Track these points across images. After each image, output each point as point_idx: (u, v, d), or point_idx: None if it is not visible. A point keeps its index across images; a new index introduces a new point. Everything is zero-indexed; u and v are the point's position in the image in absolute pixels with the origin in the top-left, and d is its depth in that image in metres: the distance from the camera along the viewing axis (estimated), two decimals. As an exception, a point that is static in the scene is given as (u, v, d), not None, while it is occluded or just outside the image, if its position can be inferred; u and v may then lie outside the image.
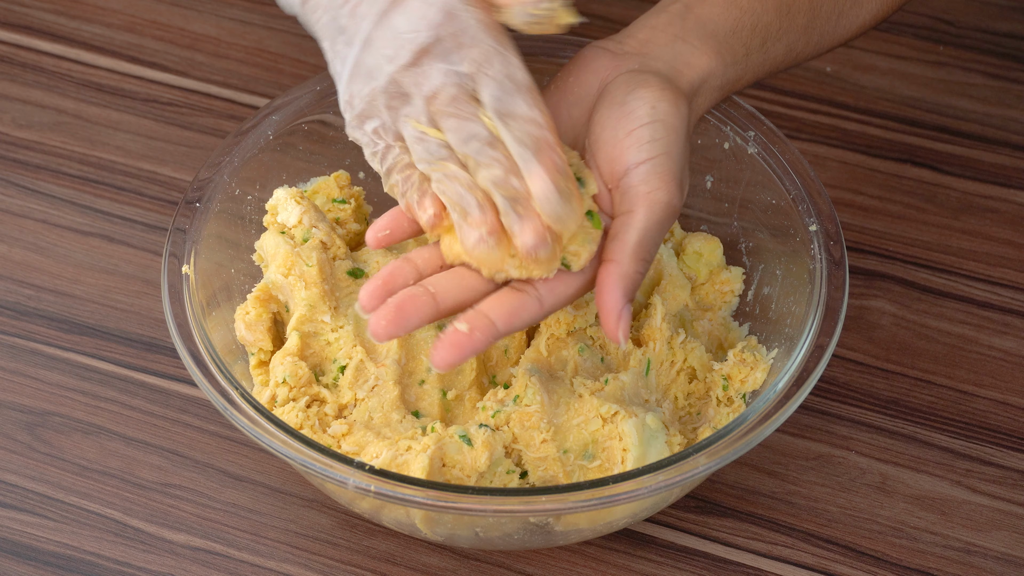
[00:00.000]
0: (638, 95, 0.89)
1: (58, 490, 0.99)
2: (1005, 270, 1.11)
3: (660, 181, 0.88)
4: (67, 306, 1.08)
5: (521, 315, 0.87)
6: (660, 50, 0.92)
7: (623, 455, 0.91)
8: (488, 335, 0.86)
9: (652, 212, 0.88)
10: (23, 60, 1.24)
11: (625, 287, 0.88)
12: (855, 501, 1.00)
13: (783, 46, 0.95)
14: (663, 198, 0.88)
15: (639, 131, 0.88)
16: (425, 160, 0.88)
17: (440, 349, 0.86)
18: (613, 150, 0.89)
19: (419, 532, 0.93)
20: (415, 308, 0.86)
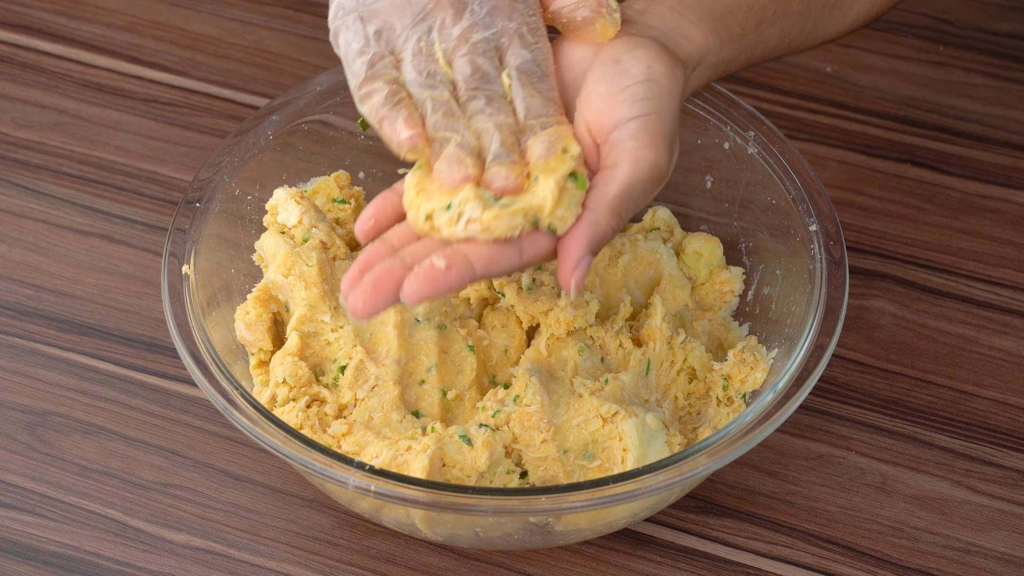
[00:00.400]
0: (635, 55, 0.88)
1: (58, 490, 0.99)
2: (1005, 270, 1.11)
3: (649, 139, 0.86)
4: (67, 306, 1.08)
5: (500, 262, 0.85)
6: (658, 20, 0.91)
7: (623, 455, 0.91)
8: (464, 274, 0.83)
9: (637, 168, 0.86)
10: (23, 60, 1.24)
11: (592, 237, 0.85)
12: (855, 501, 1.00)
13: (777, 30, 0.95)
14: (650, 156, 0.86)
15: (633, 88, 0.87)
16: (423, 85, 0.86)
17: (413, 282, 0.83)
18: (604, 105, 0.87)
19: (419, 532, 0.93)
20: (391, 281, 0.84)
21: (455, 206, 0.84)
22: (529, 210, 0.84)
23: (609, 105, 0.87)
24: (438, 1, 0.87)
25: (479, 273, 0.84)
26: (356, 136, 1.06)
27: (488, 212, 0.83)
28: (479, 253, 0.84)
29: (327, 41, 1.25)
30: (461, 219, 0.83)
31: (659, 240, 1.03)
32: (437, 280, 0.83)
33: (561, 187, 0.84)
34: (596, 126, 0.87)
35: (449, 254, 0.83)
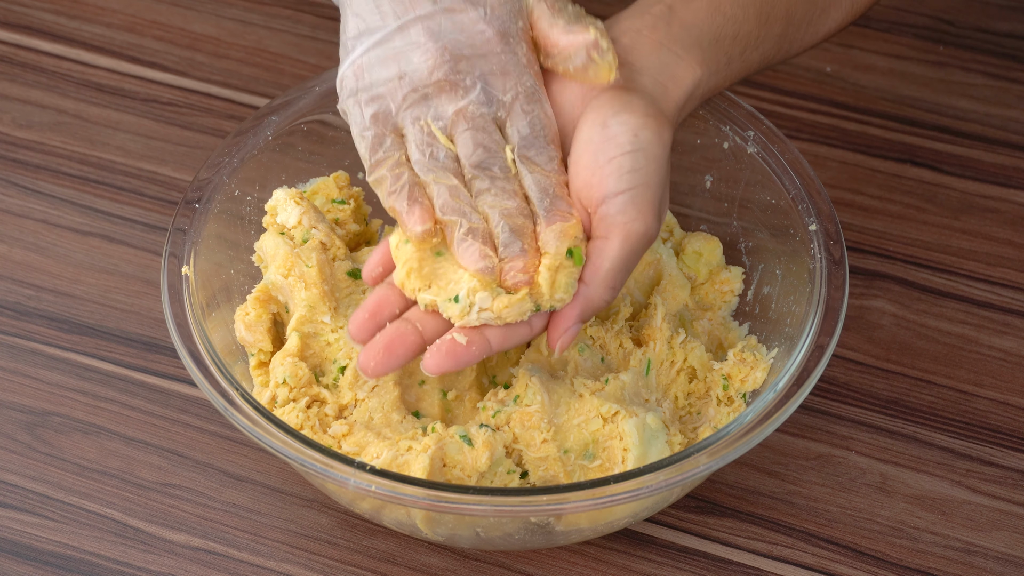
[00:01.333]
0: (621, 120, 0.89)
1: (58, 490, 0.99)
2: (1005, 270, 1.11)
3: (637, 212, 0.88)
4: (67, 306, 1.08)
5: (513, 337, 0.89)
6: (645, 60, 0.91)
7: (624, 455, 0.91)
8: (483, 350, 0.88)
9: (627, 241, 0.88)
10: (23, 60, 1.24)
11: (584, 308, 0.89)
12: (855, 501, 1.00)
13: (759, 54, 0.95)
14: (639, 228, 0.88)
15: (620, 159, 0.88)
16: (427, 166, 0.88)
17: (435, 356, 0.88)
18: (592, 176, 0.89)
19: (420, 532, 0.93)
20: (403, 347, 0.89)
21: (464, 299, 0.88)
22: (532, 296, 0.88)
23: (597, 177, 0.89)
24: (431, 76, 0.89)
25: (495, 348, 0.89)
26: (356, 136, 1.06)
27: (499, 302, 0.88)
28: (495, 331, 0.89)
29: (327, 41, 1.26)
30: (473, 309, 0.88)
31: (659, 240, 1.03)
32: (458, 355, 0.88)
33: (554, 274, 0.88)
34: (585, 196, 0.89)
35: (468, 331, 0.88)
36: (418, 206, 0.88)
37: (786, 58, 0.98)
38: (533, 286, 0.88)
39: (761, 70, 0.97)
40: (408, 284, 0.89)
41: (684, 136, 1.05)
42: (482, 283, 0.88)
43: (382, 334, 0.89)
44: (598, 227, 0.89)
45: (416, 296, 0.89)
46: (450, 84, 0.89)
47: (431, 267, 0.89)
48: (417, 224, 0.88)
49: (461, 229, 0.87)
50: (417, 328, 0.89)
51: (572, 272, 0.88)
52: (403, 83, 0.89)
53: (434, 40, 0.89)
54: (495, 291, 0.88)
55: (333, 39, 1.25)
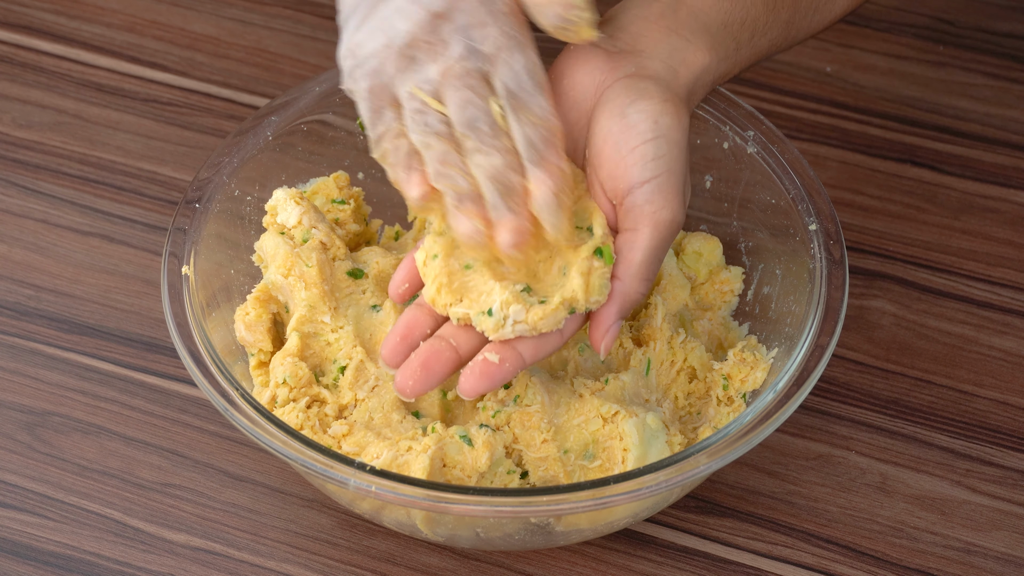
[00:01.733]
0: (639, 107, 0.88)
1: (58, 490, 0.99)
2: (1005, 270, 1.11)
3: (664, 200, 0.88)
4: (67, 306, 1.08)
5: (545, 347, 0.89)
6: (655, 46, 0.91)
7: (624, 455, 0.91)
8: (516, 366, 0.88)
9: (657, 231, 0.88)
10: (23, 60, 1.24)
11: (622, 305, 0.89)
12: (855, 501, 1.00)
13: (767, 40, 0.95)
14: (667, 216, 0.88)
15: (642, 148, 0.88)
16: (419, 133, 0.87)
17: (471, 378, 0.88)
18: (616, 168, 0.88)
19: (420, 532, 0.93)
20: (440, 363, 0.89)
21: (498, 312, 0.88)
22: (566, 301, 0.88)
23: (620, 168, 0.88)
24: (413, 40, 0.87)
25: (529, 361, 0.89)
26: (356, 136, 1.06)
27: (534, 313, 0.87)
28: (527, 343, 0.89)
29: (327, 41, 1.26)
30: (508, 322, 0.88)
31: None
32: (493, 374, 0.88)
33: (587, 277, 0.88)
34: (610, 189, 0.89)
35: (499, 347, 0.88)
36: (415, 173, 0.87)
37: (792, 44, 0.97)
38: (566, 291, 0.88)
39: (769, 56, 0.96)
40: (439, 300, 0.90)
41: (684, 136, 1.05)
42: (514, 296, 0.87)
43: (417, 353, 0.89)
44: (625, 219, 0.89)
45: (448, 311, 0.89)
46: (431, 44, 0.87)
47: (461, 281, 0.89)
48: (414, 189, 0.87)
49: (450, 197, 0.87)
50: (452, 344, 0.89)
51: (604, 272, 0.88)
52: (390, 51, 0.87)
53: (413, 2, 0.87)
54: (529, 302, 0.88)
55: (333, 39, 1.25)
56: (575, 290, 0.88)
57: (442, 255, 0.90)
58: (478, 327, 0.88)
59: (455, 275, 0.90)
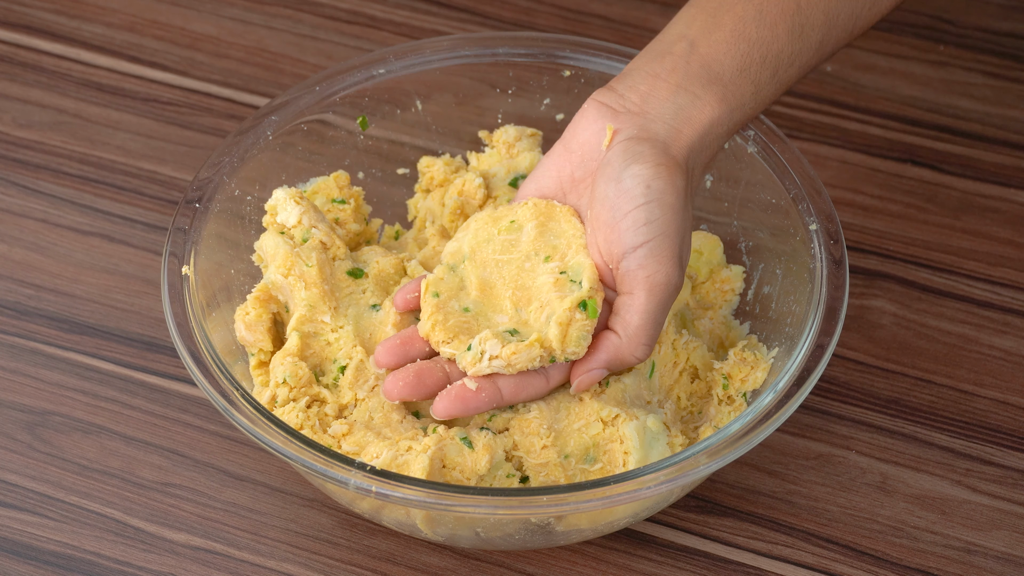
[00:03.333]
0: (633, 172, 0.89)
1: (58, 490, 0.99)
2: (1005, 270, 1.11)
3: (658, 264, 0.89)
4: (67, 306, 1.08)
5: (527, 389, 0.91)
6: (661, 106, 0.91)
7: (624, 458, 0.91)
8: (492, 398, 0.90)
9: (652, 295, 0.89)
10: (23, 60, 1.24)
11: (611, 360, 0.91)
12: (855, 501, 1.00)
13: (796, 69, 0.94)
14: (662, 280, 0.89)
15: (635, 213, 0.89)
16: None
17: (444, 400, 0.90)
18: (611, 232, 0.90)
19: (420, 532, 0.93)
20: (432, 378, 0.91)
21: (476, 346, 0.90)
22: (540, 342, 0.90)
23: (615, 233, 0.90)
24: None
25: (507, 399, 0.91)
26: (356, 136, 1.06)
27: (507, 348, 0.89)
28: (507, 380, 0.91)
29: (327, 41, 1.25)
30: (484, 357, 0.90)
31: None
32: (467, 400, 0.90)
33: (565, 327, 0.90)
34: (606, 252, 0.91)
35: (480, 379, 0.90)
36: None
37: (828, 58, 0.97)
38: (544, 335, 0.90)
39: (800, 79, 0.96)
40: (433, 336, 0.92)
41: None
42: (494, 334, 0.90)
43: (413, 364, 0.91)
44: (622, 283, 0.90)
45: (439, 348, 0.92)
46: None
47: (457, 321, 0.92)
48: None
49: None
50: (444, 368, 0.92)
51: (584, 325, 0.90)
52: None
53: None
54: (505, 339, 0.90)
55: (333, 39, 1.25)
56: (551, 337, 0.90)
57: (444, 296, 0.93)
58: (459, 363, 0.91)
59: (452, 315, 0.92)
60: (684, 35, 0.92)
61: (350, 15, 1.27)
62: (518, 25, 1.26)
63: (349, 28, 1.26)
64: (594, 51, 1.06)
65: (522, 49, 1.06)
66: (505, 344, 0.90)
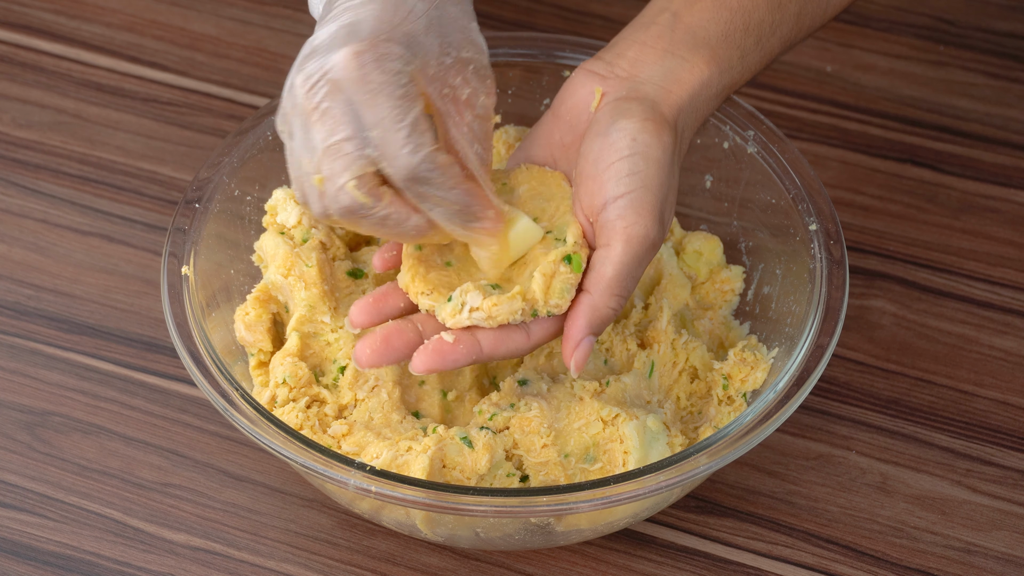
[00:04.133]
0: (620, 126, 0.89)
1: (58, 490, 0.99)
2: (1005, 270, 1.11)
3: (637, 216, 0.88)
4: (67, 306, 1.08)
5: (507, 344, 0.89)
6: (650, 69, 0.91)
7: (624, 458, 0.91)
8: (471, 352, 0.87)
9: (629, 246, 0.88)
10: (23, 60, 1.24)
11: (592, 319, 0.88)
12: (855, 501, 1.00)
13: (777, 39, 0.95)
14: (640, 232, 0.88)
15: (618, 164, 0.88)
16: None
17: (422, 354, 0.87)
18: (593, 183, 0.89)
19: (419, 532, 0.93)
20: (401, 340, 0.88)
21: (456, 298, 0.88)
22: (523, 294, 0.88)
23: (597, 184, 0.89)
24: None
25: (486, 353, 0.88)
26: (356, 136, 1.06)
27: (488, 300, 0.87)
28: (487, 334, 0.88)
29: (327, 41, 1.25)
30: (464, 308, 0.87)
31: (659, 240, 1.03)
32: (445, 353, 0.87)
33: (549, 278, 0.88)
34: (587, 205, 0.89)
35: (458, 331, 0.88)
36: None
37: (809, 34, 0.97)
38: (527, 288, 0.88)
39: (784, 52, 0.96)
40: (412, 287, 0.90)
41: (684, 136, 1.05)
42: (475, 286, 0.88)
43: (381, 327, 0.89)
44: (600, 235, 0.89)
45: (418, 300, 0.89)
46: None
47: (437, 274, 0.90)
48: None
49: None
50: (417, 327, 0.89)
51: (568, 278, 0.88)
52: None
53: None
54: (487, 290, 0.88)
55: (333, 39, 1.25)
56: (535, 288, 0.88)
57: (427, 249, 0.91)
58: (438, 316, 0.88)
59: (432, 267, 0.90)
60: (666, 8, 0.93)
61: (350, 15, 1.27)
62: (518, 25, 1.26)
63: (349, 28, 1.26)
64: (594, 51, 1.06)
65: (522, 49, 1.06)
66: (487, 295, 0.87)
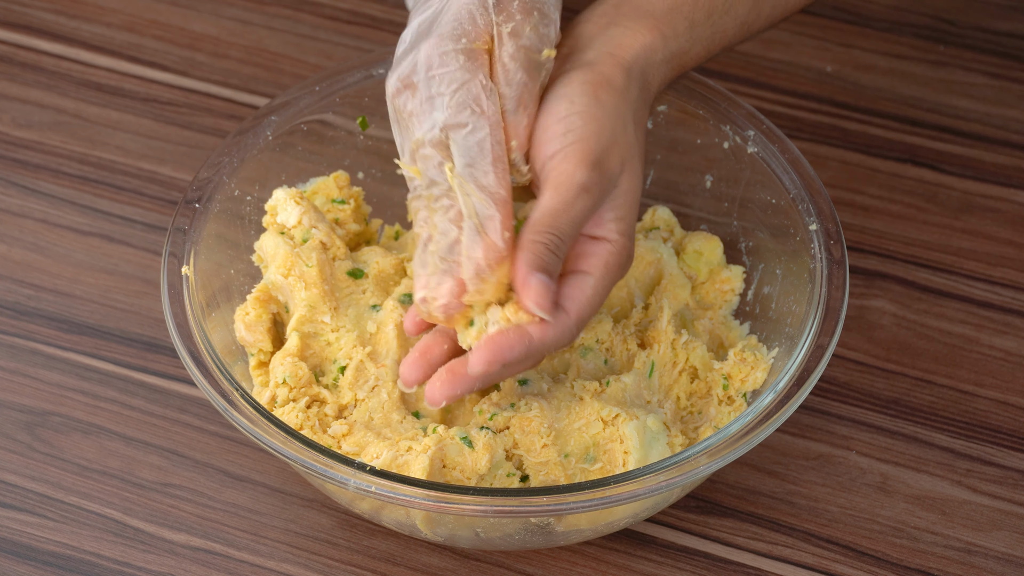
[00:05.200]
0: (559, 93, 0.90)
1: (58, 490, 0.99)
2: (1005, 270, 1.11)
3: (567, 163, 0.88)
4: (67, 306, 1.08)
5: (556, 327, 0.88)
6: (591, 40, 0.92)
7: (625, 458, 0.91)
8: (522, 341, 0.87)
9: (557, 191, 0.88)
10: (23, 60, 1.24)
11: (525, 258, 0.87)
12: (855, 501, 1.00)
13: (732, 19, 0.95)
14: (567, 178, 0.88)
15: (554, 127, 0.89)
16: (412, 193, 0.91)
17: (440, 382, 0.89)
18: (535, 150, 0.90)
19: (419, 532, 0.93)
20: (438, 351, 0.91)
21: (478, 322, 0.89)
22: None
23: (537, 149, 0.90)
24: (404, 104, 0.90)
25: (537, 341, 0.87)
26: (356, 136, 1.06)
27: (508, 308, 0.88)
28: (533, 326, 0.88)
29: (327, 41, 1.25)
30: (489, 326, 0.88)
31: (659, 239, 1.03)
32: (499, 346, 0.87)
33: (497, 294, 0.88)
34: (533, 173, 0.90)
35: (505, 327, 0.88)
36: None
37: (771, 23, 0.98)
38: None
39: (747, 36, 0.97)
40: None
41: (684, 136, 1.05)
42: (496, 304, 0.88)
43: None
44: (537, 190, 0.90)
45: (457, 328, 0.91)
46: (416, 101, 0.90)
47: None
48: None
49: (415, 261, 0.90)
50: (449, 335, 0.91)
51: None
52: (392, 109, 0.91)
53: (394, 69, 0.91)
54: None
55: (333, 39, 1.25)
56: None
57: None
58: (461, 342, 0.89)
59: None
60: None
61: (350, 15, 1.27)
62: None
63: (349, 28, 1.26)
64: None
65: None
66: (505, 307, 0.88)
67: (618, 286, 1.01)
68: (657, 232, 1.04)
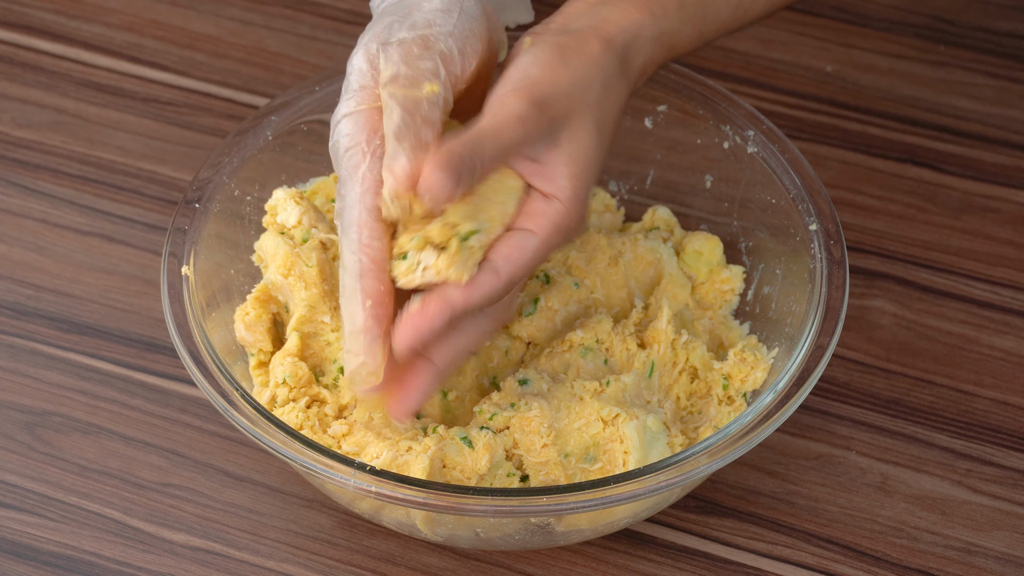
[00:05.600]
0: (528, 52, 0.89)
1: (58, 490, 0.99)
2: (1005, 270, 1.11)
3: (510, 97, 0.87)
4: (67, 306, 1.08)
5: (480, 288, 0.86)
6: (580, 17, 0.92)
7: (625, 458, 0.91)
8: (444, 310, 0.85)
9: (493, 116, 0.86)
10: (23, 60, 1.24)
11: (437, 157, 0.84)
12: (855, 501, 1.00)
13: (726, 2, 0.95)
14: (503, 107, 0.86)
15: (513, 74, 0.88)
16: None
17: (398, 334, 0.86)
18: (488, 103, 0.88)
19: (419, 532, 0.93)
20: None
21: (411, 256, 0.85)
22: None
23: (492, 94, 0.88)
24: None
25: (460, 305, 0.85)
26: (356, 136, 1.06)
27: (442, 258, 0.84)
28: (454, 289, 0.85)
29: (327, 41, 1.25)
30: (419, 267, 0.85)
31: (659, 239, 1.03)
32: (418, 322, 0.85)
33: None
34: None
35: (425, 294, 0.85)
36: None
37: (768, 11, 0.97)
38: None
39: (744, 22, 0.96)
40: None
41: (684, 136, 1.05)
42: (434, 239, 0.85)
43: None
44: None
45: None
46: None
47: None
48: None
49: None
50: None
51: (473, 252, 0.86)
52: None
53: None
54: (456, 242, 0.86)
55: (333, 39, 1.25)
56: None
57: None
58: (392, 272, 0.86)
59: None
60: None
61: (350, 15, 1.27)
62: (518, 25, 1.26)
63: (349, 28, 1.26)
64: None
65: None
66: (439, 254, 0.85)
67: (618, 286, 1.01)
68: (657, 232, 1.04)
